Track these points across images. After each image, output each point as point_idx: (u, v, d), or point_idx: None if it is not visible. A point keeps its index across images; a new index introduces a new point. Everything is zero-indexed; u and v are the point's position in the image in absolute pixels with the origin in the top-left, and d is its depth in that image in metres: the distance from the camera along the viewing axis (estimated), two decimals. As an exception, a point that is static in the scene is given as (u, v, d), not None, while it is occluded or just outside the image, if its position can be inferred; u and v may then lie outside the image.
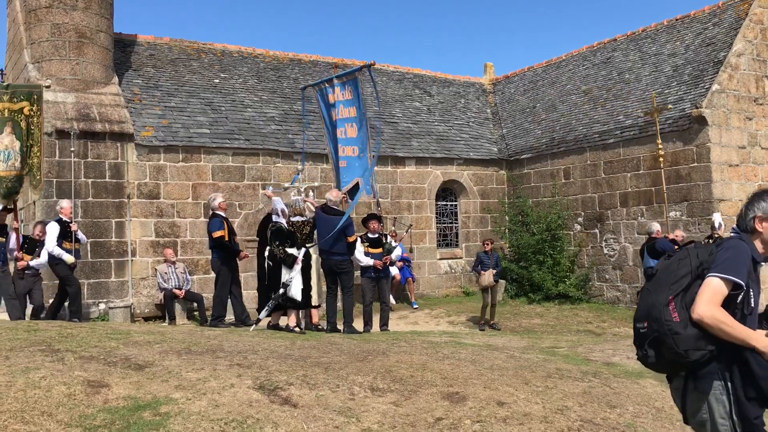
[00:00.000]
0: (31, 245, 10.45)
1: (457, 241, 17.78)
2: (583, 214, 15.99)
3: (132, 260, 13.07)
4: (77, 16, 13.27)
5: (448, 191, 17.76)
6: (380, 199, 15.38)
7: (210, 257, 10.94)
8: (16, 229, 10.10)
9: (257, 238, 14.37)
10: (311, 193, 12.20)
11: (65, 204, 10.48)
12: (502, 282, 16.01)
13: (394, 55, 73.03)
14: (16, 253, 10.03)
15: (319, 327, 10.10)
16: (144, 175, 13.33)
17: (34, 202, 12.91)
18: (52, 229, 9.99)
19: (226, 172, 14.12)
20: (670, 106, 13.78)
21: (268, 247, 9.14)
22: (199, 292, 13.03)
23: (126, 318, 12.28)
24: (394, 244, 12.60)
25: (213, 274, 13.90)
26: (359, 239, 10.93)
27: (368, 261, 10.54)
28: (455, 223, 17.82)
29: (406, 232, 15.10)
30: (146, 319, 12.94)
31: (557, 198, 16.45)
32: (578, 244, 16.05)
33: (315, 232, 9.50)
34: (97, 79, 13.56)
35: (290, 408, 4.35)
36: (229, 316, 10.76)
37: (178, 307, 12.49)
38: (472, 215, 17.75)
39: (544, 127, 17.86)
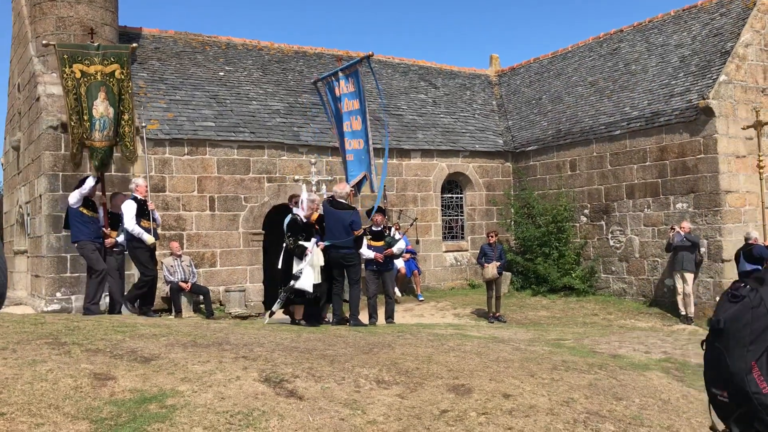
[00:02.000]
0: (115, 220, 9.62)
1: (462, 234, 17.76)
2: (589, 206, 15.94)
3: (138, 253, 13.07)
4: (82, 9, 13.26)
5: (454, 183, 17.73)
6: (386, 192, 15.37)
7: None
8: (104, 204, 9.48)
9: (263, 231, 14.39)
10: (323, 187, 12.21)
11: (141, 182, 9.74)
12: (507, 274, 16.00)
13: (399, 47, 72.87)
14: (104, 229, 9.38)
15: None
16: (149, 168, 13.33)
17: (40, 196, 12.95)
18: (130, 207, 9.25)
19: (231, 165, 14.13)
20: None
21: (284, 242, 9.17)
22: (205, 285, 13.06)
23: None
24: (398, 237, 12.62)
25: (219, 267, 13.96)
26: (363, 231, 10.92)
27: (370, 254, 10.55)
28: (461, 216, 17.80)
29: (411, 225, 15.09)
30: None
31: (563, 190, 16.40)
32: (584, 236, 16.00)
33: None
34: (102, 73, 13.55)
35: (296, 400, 4.35)
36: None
37: (184, 300, 12.53)
38: (478, 207, 17.72)
39: (550, 118, 17.79)
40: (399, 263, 14.72)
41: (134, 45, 10.14)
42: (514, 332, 8.89)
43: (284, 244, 9.09)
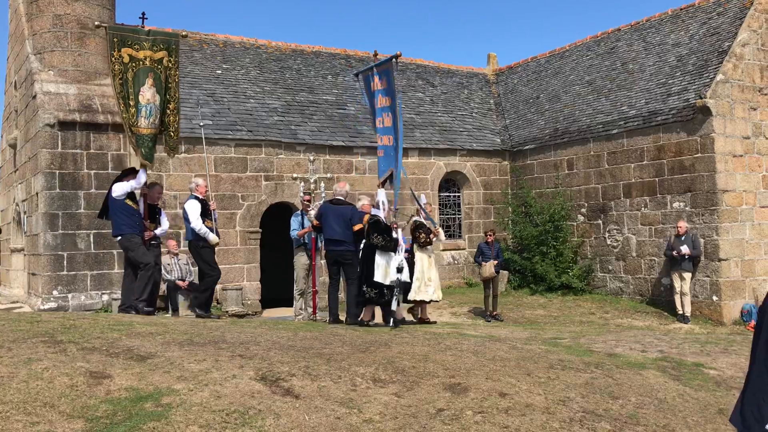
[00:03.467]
0: (152, 213, 9.39)
1: (460, 232, 17.77)
2: (586, 204, 15.95)
3: (135, 251, 13.05)
4: (79, 7, 13.23)
5: (451, 182, 17.73)
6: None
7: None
8: (145, 196, 9.25)
9: (260, 230, 14.38)
10: (322, 185, 12.20)
11: (201, 182, 9.66)
12: (504, 273, 16.01)
13: (396, 46, 72.80)
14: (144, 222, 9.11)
15: (429, 320, 10.16)
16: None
17: (37, 194, 12.92)
18: (194, 207, 9.16)
19: (229, 164, 14.11)
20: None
21: (364, 240, 9.08)
22: (202, 284, 13.04)
23: (129, 309, 12.28)
24: (395, 235, 12.59)
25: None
26: None
27: None
28: (458, 215, 17.80)
29: (408, 222, 15.08)
30: (149, 310, 12.94)
31: (560, 189, 16.41)
32: (581, 235, 16.02)
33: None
34: (99, 71, 13.53)
35: (292, 399, 4.35)
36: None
37: (180, 299, 12.51)
38: (475, 206, 17.73)
39: (548, 117, 17.80)
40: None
41: (184, 33, 9.68)
42: (511, 331, 8.89)
43: (362, 245, 9.06)
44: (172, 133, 9.15)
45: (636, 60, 16.75)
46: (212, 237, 9.18)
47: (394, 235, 8.88)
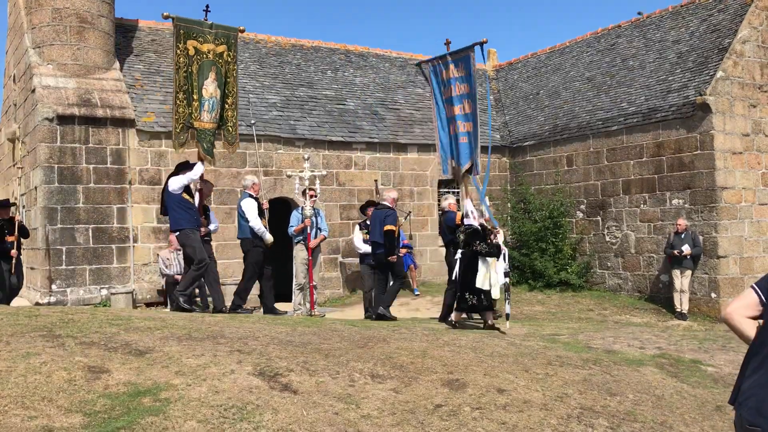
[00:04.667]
0: (204, 208, 9.43)
1: (459, 228, 17.74)
2: (585, 201, 15.96)
3: (134, 246, 13.08)
4: (78, 0, 13.20)
5: (451, 178, 17.70)
6: (382, 186, 15.35)
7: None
8: (200, 191, 9.22)
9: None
10: (317, 182, 12.17)
11: (255, 180, 9.66)
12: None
13: (397, 41, 72.68)
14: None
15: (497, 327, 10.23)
16: (145, 160, 13.31)
17: (36, 188, 12.91)
18: (251, 205, 9.15)
19: (228, 159, 14.08)
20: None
21: (460, 250, 9.31)
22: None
23: (127, 304, 12.30)
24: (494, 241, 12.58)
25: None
26: (358, 226, 10.92)
27: (366, 248, 10.54)
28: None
29: (405, 219, 15.09)
30: (148, 305, 12.96)
31: (560, 185, 16.41)
32: (580, 232, 16.02)
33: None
34: (99, 65, 13.51)
35: (290, 394, 4.36)
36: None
37: (179, 293, 12.50)
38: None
39: (547, 114, 17.78)
40: (395, 257, 14.71)
41: (242, 28, 9.49)
42: (509, 327, 8.90)
43: (459, 254, 9.27)
44: (230, 128, 9.09)
45: (636, 56, 16.73)
46: (268, 237, 9.29)
47: (495, 240, 9.18)
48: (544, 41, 67.16)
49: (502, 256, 9.04)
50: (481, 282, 8.83)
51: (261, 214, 9.32)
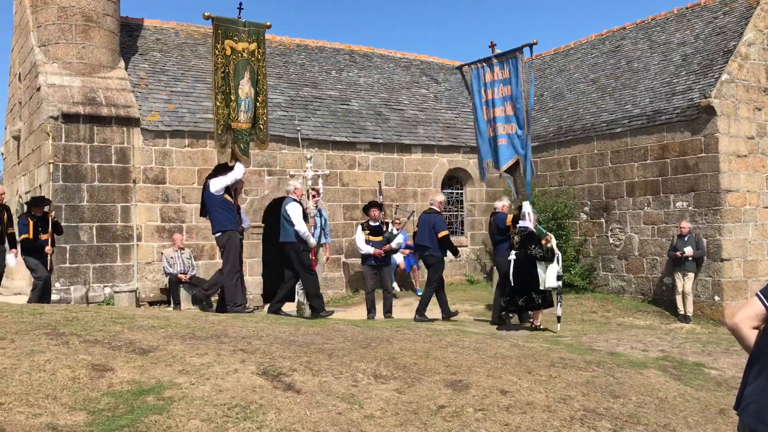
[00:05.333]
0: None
1: (462, 230, 17.76)
2: (589, 203, 15.93)
3: (137, 245, 13.10)
4: (84, -1, 13.23)
5: (454, 179, 17.72)
6: (385, 187, 15.37)
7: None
8: (235, 191, 9.22)
9: (262, 224, 14.38)
10: (320, 182, 12.17)
11: (298, 184, 9.70)
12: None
13: (401, 42, 72.68)
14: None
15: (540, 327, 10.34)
16: (150, 159, 13.33)
17: (40, 186, 12.95)
18: (297, 210, 9.16)
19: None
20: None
21: (514, 252, 9.57)
22: (204, 278, 13.06)
23: (131, 302, 12.33)
24: (395, 231, 12.64)
25: (218, 260, 13.95)
26: (360, 227, 10.94)
27: (368, 249, 10.56)
28: (461, 212, 17.79)
29: (408, 219, 15.09)
30: (151, 303, 12.99)
31: (563, 187, 16.39)
32: (584, 234, 16.00)
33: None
34: (104, 63, 13.54)
35: (293, 394, 4.36)
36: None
37: (183, 293, 12.53)
38: (478, 203, 17.72)
39: (551, 115, 17.76)
40: (398, 258, 14.72)
41: (269, 24, 9.35)
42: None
43: (514, 256, 9.55)
44: (261, 126, 9.03)
45: (641, 59, 16.71)
46: (312, 241, 9.39)
47: (548, 245, 9.49)
48: (549, 43, 67.17)
49: (555, 260, 9.35)
50: (542, 283, 9.25)
51: (305, 217, 9.42)
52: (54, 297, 12.11)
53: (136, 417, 3.77)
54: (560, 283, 9.41)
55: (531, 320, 10.02)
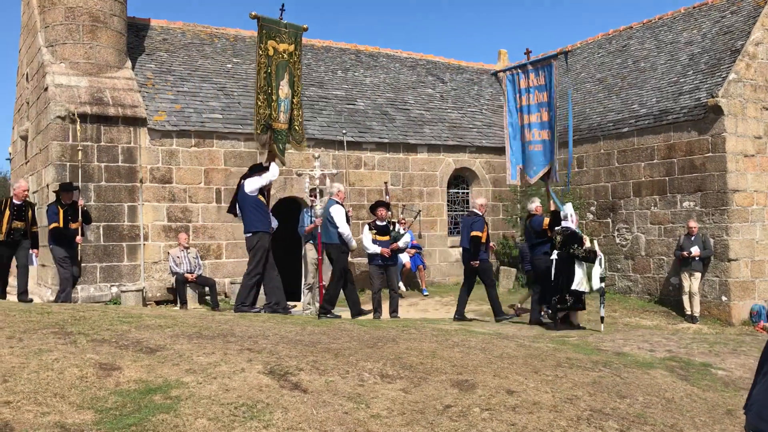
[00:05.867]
0: None
1: (468, 229, 17.73)
2: (595, 203, 15.90)
3: (144, 244, 13.14)
4: (91, -1, 13.28)
5: (460, 179, 17.70)
6: (391, 186, 15.37)
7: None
8: (267, 191, 9.26)
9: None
10: (327, 181, 12.18)
11: (341, 187, 9.73)
12: (512, 270, 16.00)
13: (407, 41, 72.65)
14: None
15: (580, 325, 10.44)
16: (156, 159, 13.37)
17: (47, 185, 12.99)
18: (341, 212, 9.20)
19: (238, 158, 14.14)
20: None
21: (556, 251, 9.71)
22: (211, 277, 13.09)
23: (138, 302, 12.36)
24: (402, 231, 12.67)
25: (225, 259, 13.98)
26: (367, 226, 10.94)
27: (375, 248, 10.55)
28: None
29: (415, 218, 15.09)
30: (158, 303, 13.03)
31: (570, 187, 16.34)
32: (590, 234, 15.93)
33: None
34: (111, 63, 13.59)
35: (300, 393, 4.37)
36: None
37: (189, 292, 12.56)
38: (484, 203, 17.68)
39: (557, 115, 17.69)
40: (404, 258, 14.72)
41: (305, 27, 9.28)
42: (519, 328, 8.89)
43: (555, 256, 9.71)
44: (297, 127, 9.06)
45: (648, 58, 16.66)
46: (354, 243, 9.50)
47: (589, 245, 9.69)
48: (555, 42, 66.98)
49: (598, 261, 9.50)
50: (577, 284, 9.33)
51: (347, 220, 9.47)
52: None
53: (143, 416, 3.78)
54: (603, 284, 9.62)
55: (559, 320, 10.16)
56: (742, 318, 13.03)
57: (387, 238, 10.76)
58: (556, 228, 9.88)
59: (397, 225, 11.51)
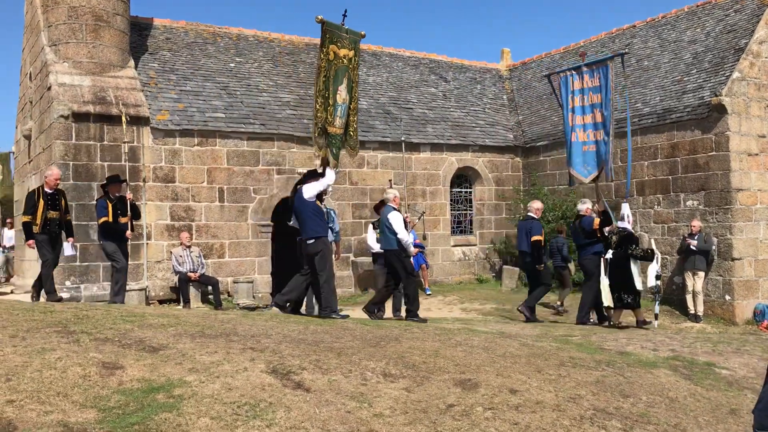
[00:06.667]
0: None
1: (471, 228, 17.74)
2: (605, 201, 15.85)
3: (147, 243, 13.15)
4: (94, -1, 13.28)
5: (463, 178, 17.70)
6: (394, 185, 15.36)
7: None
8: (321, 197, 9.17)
9: (272, 223, 14.42)
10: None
11: (397, 193, 9.76)
12: (515, 269, 16.00)
13: (410, 40, 72.65)
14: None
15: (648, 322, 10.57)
16: (159, 158, 13.38)
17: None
18: (399, 218, 9.22)
19: (241, 157, 14.15)
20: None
21: (610, 251, 9.87)
22: (214, 276, 13.10)
23: (141, 301, 12.38)
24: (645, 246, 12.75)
25: (227, 258, 13.99)
26: (371, 225, 10.93)
27: (378, 248, 10.54)
28: (470, 210, 17.77)
29: (419, 219, 15.08)
30: (161, 302, 13.05)
31: (573, 186, 16.31)
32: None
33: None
34: (114, 63, 13.60)
35: (303, 392, 4.36)
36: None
37: (192, 291, 12.57)
38: (487, 202, 17.68)
39: (561, 114, 17.66)
40: (407, 257, 14.69)
41: (363, 33, 9.36)
42: (522, 327, 8.88)
43: (609, 255, 9.87)
44: (351, 133, 9.09)
45: (651, 57, 16.62)
46: (413, 249, 9.53)
47: (645, 245, 10.08)
48: (559, 41, 66.96)
49: (655, 260, 9.72)
50: (636, 283, 9.55)
51: (405, 225, 9.47)
52: (64, 295, 12.17)
53: (146, 415, 3.78)
54: (659, 282, 9.86)
55: (611, 319, 10.30)
56: (746, 317, 13.00)
57: (391, 237, 10.74)
58: (606, 228, 10.09)
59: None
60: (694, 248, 12.96)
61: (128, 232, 9.97)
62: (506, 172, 17.98)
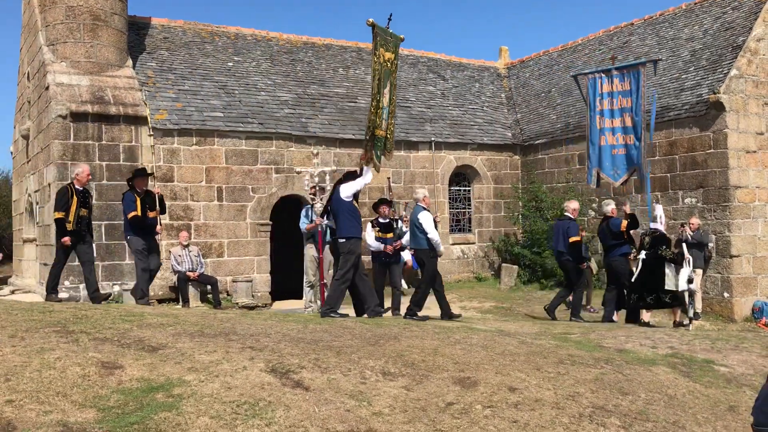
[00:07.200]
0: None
1: (470, 227, 17.74)
2: (597, 200, 15.87)
3: (146, 243, 13.11)
4: (91, -2, 13.27)
5: (462, 176, 17.70)
6: (393, 184, 15.36)
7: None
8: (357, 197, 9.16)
9: (270, 222, 14.42)
10: (327, 179, 12.18)
11: (426, 192, 9.76)
12: (514, 267, 15.99)
13: (408, 39, 72.71)
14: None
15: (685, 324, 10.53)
16: (158, 158, 13.38)
17: (49, 185, 13.01)
18: (429, 219, 9.23)
19: (240, 156, 14.15)
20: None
21: (643, 251, 9.95)
22: (213, 275, 13.10)
23: (140, 300, 12.35)
24: (405, 229, 12.63)
25: (226, 257, 13.98)
26: (370, 224, 10.94)
27: (379, 246, 10.55)
28: (468, 209, 17.78)
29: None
30: (160, 301, 13.04)
31: (571, 183, 16.34)
32: (592, 231, 15.93)
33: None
34: (111, 62, 13.59)
35: (302, 391, 4.37)
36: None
37: (191, 290, 12.57)
38: (486, 200, 17.69)
39: (559, 112, 17.71)
40: (406, 255, 14.69)
41: (402, 37, 9.34)
42: (521, 325, 8.89)
43: (642, 256, 9.95)
44: (388, 135, 9.13)
45: (649, 55, 16.61)
46: (442, 249, 9.56)
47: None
48: (557, 39, 66.98)
49: (686, 262, 9.70)
50: (671, 284, 9.61)
51: (435, 225, 9.46)
52: (63, 295, 12.17)
53: (145, 414, 3.78)
54: (691, 285, 9.81)
55: (641, 318, 10.39)
56: (745, 314, 13.02)
57: (390, 235, 10.75)
58: (633, 230, 10.21)
59: (399, 222, 11.48)
60: (689, 238, 12.94)
61: (159, 227, 9.73)
62: (505, 170, 17.99)
